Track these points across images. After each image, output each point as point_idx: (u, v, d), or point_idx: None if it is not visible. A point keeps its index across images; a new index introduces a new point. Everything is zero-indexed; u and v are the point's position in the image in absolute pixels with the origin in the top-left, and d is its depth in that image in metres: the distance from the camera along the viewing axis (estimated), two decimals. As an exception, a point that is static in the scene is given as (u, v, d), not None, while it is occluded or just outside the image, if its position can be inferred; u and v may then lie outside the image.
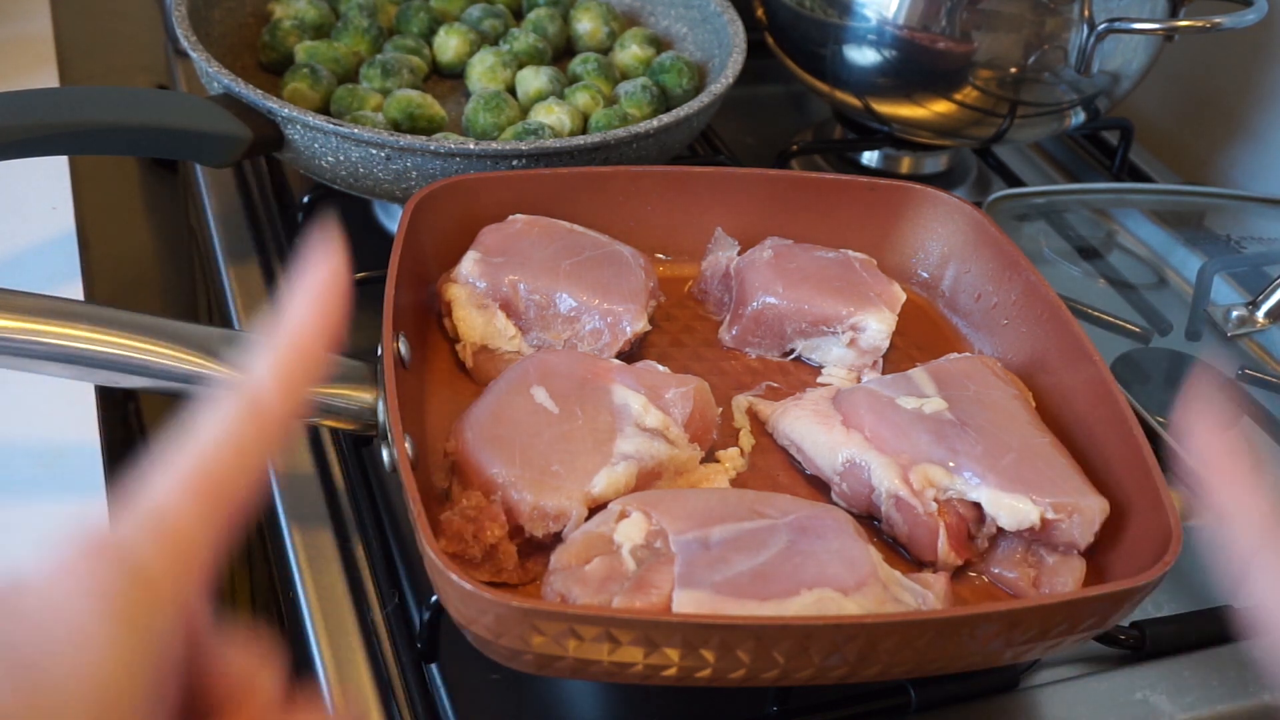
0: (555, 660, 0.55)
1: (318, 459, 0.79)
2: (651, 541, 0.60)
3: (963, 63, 0.99)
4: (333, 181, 0.90)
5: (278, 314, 0.37)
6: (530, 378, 0.70)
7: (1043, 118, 1.04)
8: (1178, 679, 0.71)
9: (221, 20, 1.03)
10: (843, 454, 0.71)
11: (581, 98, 1.00)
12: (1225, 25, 0.96)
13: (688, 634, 0.54)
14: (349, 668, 0.67)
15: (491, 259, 0.79)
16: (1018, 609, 0.58)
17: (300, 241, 0.94)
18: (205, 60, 0.90)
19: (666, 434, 0.68)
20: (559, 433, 0.67)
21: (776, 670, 0.56)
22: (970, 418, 0.71)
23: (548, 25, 1.09)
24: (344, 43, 1.03)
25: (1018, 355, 0.81)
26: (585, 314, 0.77)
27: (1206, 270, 0.98)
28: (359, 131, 0.84)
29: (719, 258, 0.85)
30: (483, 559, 0.62)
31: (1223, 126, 1.23)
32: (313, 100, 0.96)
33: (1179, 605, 0.76)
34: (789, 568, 0.60)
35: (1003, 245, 0.83)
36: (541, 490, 0.64)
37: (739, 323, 0.82)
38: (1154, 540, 0.64)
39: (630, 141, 0.89)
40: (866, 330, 0.80)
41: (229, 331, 0.70)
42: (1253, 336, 0.96)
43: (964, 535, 0.67)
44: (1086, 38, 0.96)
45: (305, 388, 0.36)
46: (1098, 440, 0.72)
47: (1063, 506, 0.66)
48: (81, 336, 0.66)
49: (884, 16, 1.00)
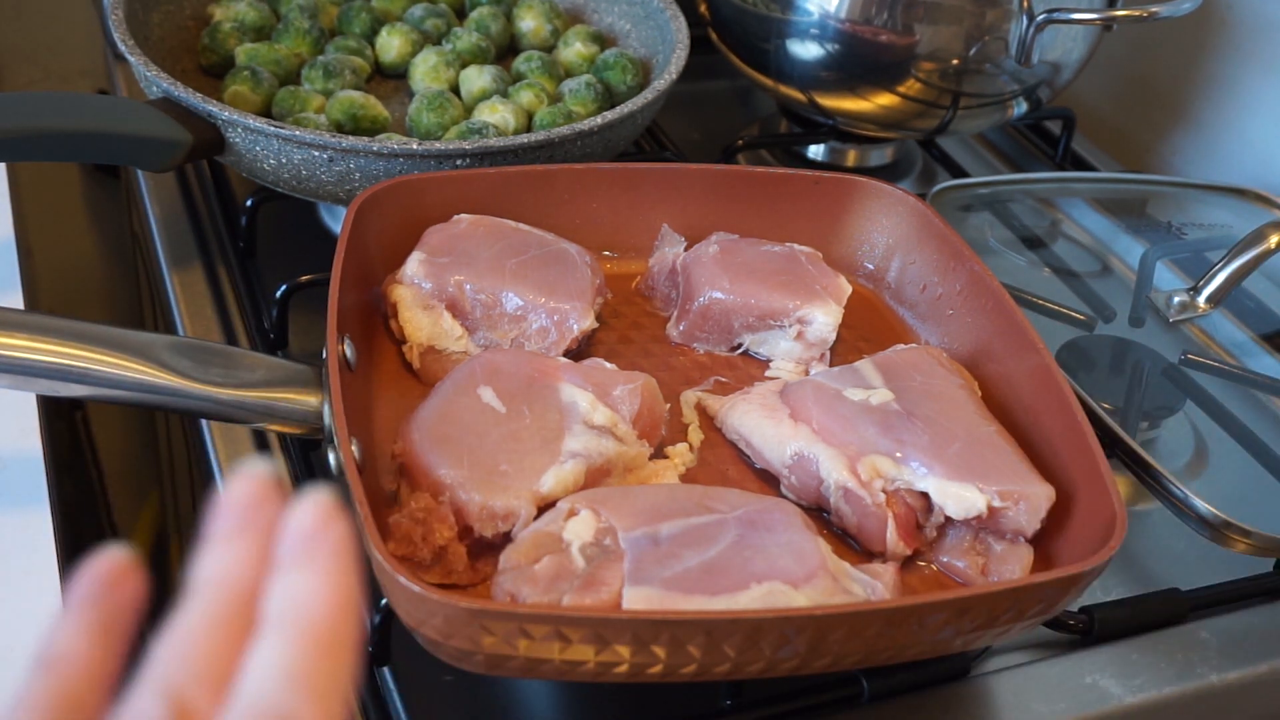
0: (506, 660, 0.55)
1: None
2: (601, 539, 0.60)
3: (905, 55, 1.00)
4: (275, 184, 0.89)
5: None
6: (477, 377, 0.70)
7: (985, 109, 1.05)
8: (1126, 662, 0.72)
9: (160, 23, 1.02)
10: (791, 447, 0.71)
11: (525, 96, 1.00)
12: (1162, 14, 0.96)
13: (638, 630, 0.54)
14: (300, 673, 0.66)
15: (436, 259, 0.78)
16: (965, 597, 0.58)
17: (242, 248, 0.93)
18: (143, 64, 0.89)
19: (615, 431, 0.68)
20: (507, 432, 0.67)
21: (728, 664, 0.56)
22: (917, 408, 0.71)
23: (490, 24, 1.08)
24: (285, 44, 1.02)
25: (963, 345, 0.81)
26: (532, 313, 0.77)
27: (1149, 257, 0.99)
28: (301, 134, 0.84)
29: (666, 254, 0.85)
30: (432, 561, 0.62)
31: (1163, 114, 1.25)
32: (254, 103, 0.96)
33: (1126, 589, 0.77)
34: (738, 562, 0.60)
35: (947, 236, 0.84)
36: (490, 490, 0.63)
37: (686, 318, 0.82)
38: (1099, 526, 0.64)
39: (575, 139, 0.89)
40: (813, 323, 0.80)
41: (173, 338, 0.69)
42: (1194, 321, 0.97)
43: (912, 525, 0.68)
44: (1026, 28, 0.97)
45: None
46: (1043, 428, 0.73)
47: (1009, 494, 0.66)
48: (21, 345, 0.66)
49: (826, 10, 1.00)
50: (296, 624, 0.31)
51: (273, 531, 0.33)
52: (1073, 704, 0.69)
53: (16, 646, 0.65)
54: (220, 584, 0.32)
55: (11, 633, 0.65)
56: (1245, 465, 0.85)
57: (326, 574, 0.32)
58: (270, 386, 0.68)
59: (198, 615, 0.32)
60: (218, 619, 0.31)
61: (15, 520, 0.71)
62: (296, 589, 0.32)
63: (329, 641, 0.31)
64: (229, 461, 0.79)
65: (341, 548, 0.32)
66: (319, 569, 0.32)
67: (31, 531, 0.71)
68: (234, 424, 0.71)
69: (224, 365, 0.68)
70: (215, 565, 0.32)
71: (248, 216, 0.93)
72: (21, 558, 0.70)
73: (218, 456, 0.79)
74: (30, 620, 0.66)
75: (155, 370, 0.67)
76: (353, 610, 0.32)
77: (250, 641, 0.31)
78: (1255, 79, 1.15)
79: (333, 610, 0.31)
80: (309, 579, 0.32)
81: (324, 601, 0.31)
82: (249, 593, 0.32)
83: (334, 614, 0.31)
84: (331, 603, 0.31)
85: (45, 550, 0.70)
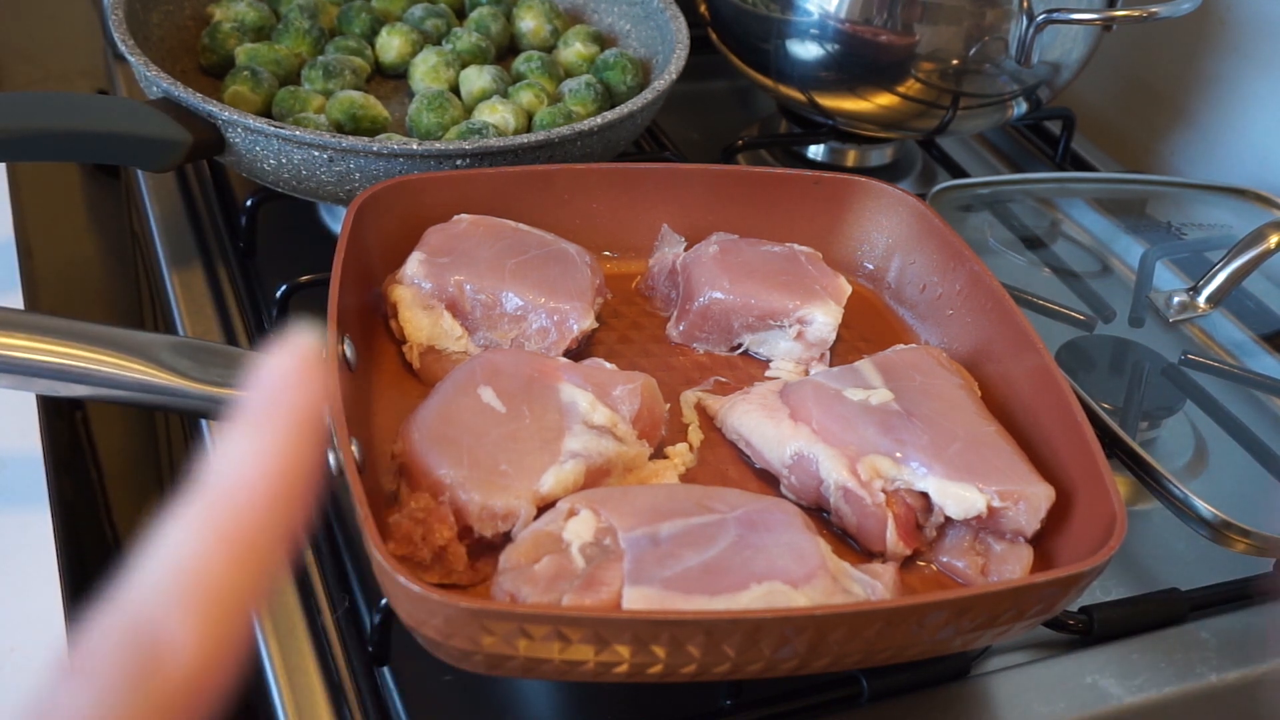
0: (506, 660, 0.55)
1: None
2: (600, 539, 0.60)
3: (905, 56, 1.00)
4: (275, 184, 0.89)
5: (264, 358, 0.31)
6: (477, 378, 0.70)
7: (985, 109, 1.05)
8: (1126, 662, 0.72)
9: (160, 23, 1.02)
10: (791, 447, 0.71)
11: (525, 96, 1.00)
12: (1162, 14, 0.96)
13: (638, 630, 0.54)
14: (299, 673, 0.66)
15: (436, 259, 0.78)
16: (965, 597, 0.58)
17: (244, 249, 0.93)
18: (143, 64, 0.89)
19: (614, 431, 0.68)
20: (507, 432, 0.67)
21: (728, 664, 0.56)
22: (916, 408, 0.71)
23: (490, 24, 1.08)
24: (285, 44, 1.02)
25: (963, 345, 0.81)
26: (532, 313, 0.77)
27: (1149, 257, 0.99)
28: (301, 134, 0.84)
29: (665, 254, 0.85)
30: (432, 561, 0.62)
31: (1163, 115, 1.25)
32: (254, 103, 0.96)
33: (1126, 589, 0.77)
34: (738, 562, 0.60)
35: (946, 236, 0.84)
36: (490, 490, 0.63)
37: (686, 318, 0.82)
38: (1099, 526, 0.64)
39: (575, 139, 0.89)
40: (813, 323, 0.80)
41: (173, 338, 0.69)
42: (1194, 321, 0.97)
43: (912, 525, 0.68)
44: (1026, 29, 0.97)
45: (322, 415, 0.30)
46: (1043, 428, 0.73)
47: (1009, 494, 0.66)
48: (21, 345, 0.66)
49: (826, 10, 1.00)
50: (221, 493, 0.29)
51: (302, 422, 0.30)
52: (1073, 704, 0.70)
53: (17, 647, 0.65)
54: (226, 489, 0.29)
55: (12, 633, 0.65)
56: (1245, 465, 0.85)
57: (272, 440, 0.29)
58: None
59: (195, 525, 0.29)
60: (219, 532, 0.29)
61: (15, 520, 0.71)
62: (233, 454, 0.29)
63: (254, 512, 0.29)
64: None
65: (301, 415, 0.30)
66: (265, 434, 0.30)
67: (31, 531, 0.71)
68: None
69: (224, 365, 0.68)
70: (226, 461, 0.30)
71: (248, 216, 0.93)
72: (21, 558, 0.70)
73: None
74: (30, 620, 0.66)
75: (155, 370, 0.67)
76: (290, 480, 0.29)
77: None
78: (1255, 79, 1.15)
79: (265, 481, 0.29)
80: (250, 445, 0.29)
81: (259, 471, 0.29)
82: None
83: (266, 485, 0.29)
84: (267, 472, 0.29)
85: (45, 550, 0.70)
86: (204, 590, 0.27)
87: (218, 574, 0.27)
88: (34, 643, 0.65)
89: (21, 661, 0.64)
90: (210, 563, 0.28)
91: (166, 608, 0.27)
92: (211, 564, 0.27)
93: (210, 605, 0.27)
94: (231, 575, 0.28)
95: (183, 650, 0.27)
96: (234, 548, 0.28)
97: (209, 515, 0.28)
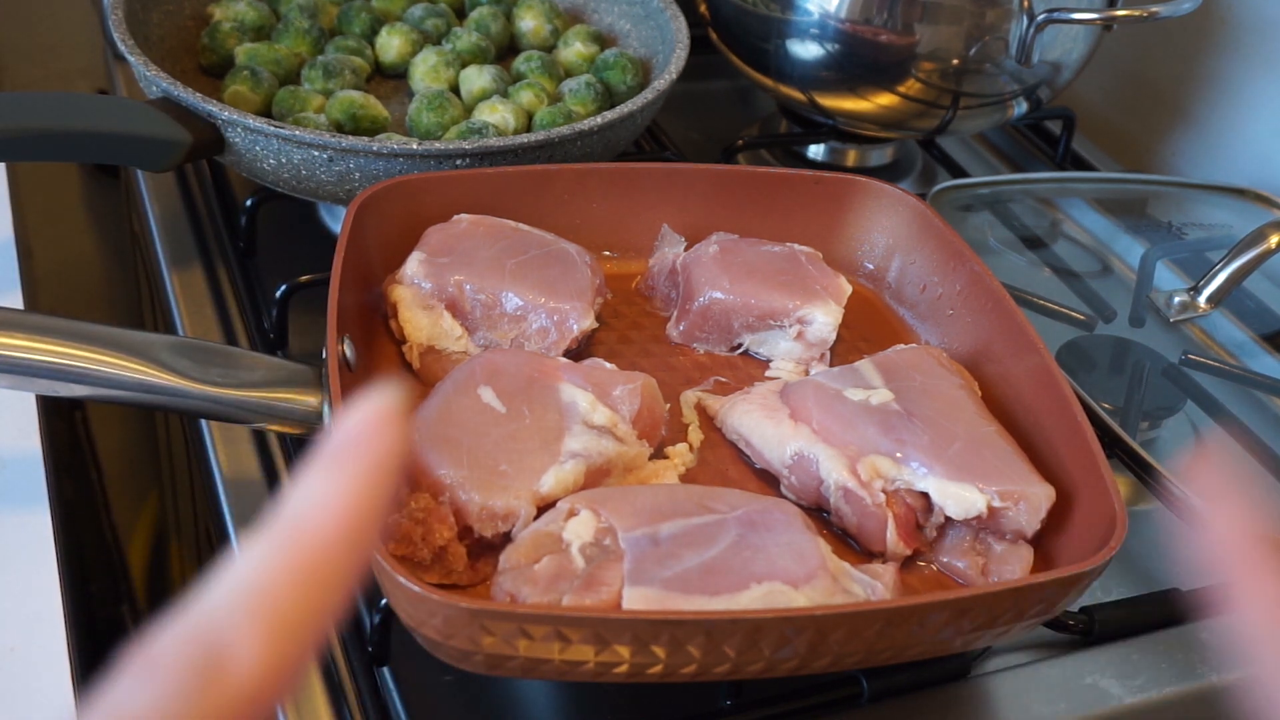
0: (506, 660, 0.55)
1: (265, 462, 0.79)
2: (600, 539, 0.60)
3: (905, 55, 1.00)
4: (275, 184, 0.89)
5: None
6: (477, 378, 0.70)
7: (985, 109, 1.05)
8: (1127, 662, 0.72)
9: (160, 23, 1.02)
10: (791, 447, 0.71)
11: (525, 96, 1.00)
12: (1162, 14, 0.96)
13: (638, 630, 0.54)
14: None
15: (436, 259, 0.78)
16: (965, 597, 0.58)
17: (245, 251, 0.93)
18: (143, 64, 0.89)
19: (614, 431, 0.68)
20: (507, 432, 0.67)
21: (728, 664, 0.56)
22: (917, 408, 0.71)
23: (490, 24, 1.08)
24: (285, 44, 1.02)
25: (963, 345, 0.81)
26: (532, 313, 0.77)
27: (1149, 257, 0.99)
28: (301, 133, 0.84)
29: (666, 254, 0.85)
30: (432, 561, 0.62)
31: (1164, 115, 1.25)
32: (254, 103, 0.96)
33: (1126, 589, 0.77)
34: (738, 562, 0.60)
35: (946, 236, 0.84)
36: (490, 490, 0.63)
37: (686, 318, 0.82)
38: (1100, 526, 0.64)
39: (575, 139, 0.89)
40: (813, 323, 0.80)
41: (173, 338, 0.69)
42: (1195, 321, 0.97)
43: (912, 525, 0.68)
44: (1026, 28, 0.97)
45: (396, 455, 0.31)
46: (1043, 428, 0.73)
47: (1009, 494, 0.66)
48: (21, 345, 0.66)
49: (826, 10, 1.00)
50: (296, 525, 0.30)
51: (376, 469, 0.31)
52: (1073, 704, 0.69)
53: (17, 647, 0.65)
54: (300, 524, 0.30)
55: (12, 633, 0.65)
56: (1245, 465, 0.85)
57: (349, 481, 0.31)
58: (270, 386, 0.68)
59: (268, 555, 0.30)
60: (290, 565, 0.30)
61: (15, 520, 0.71)
62: (311, 490, 0.31)
63: (326, 546, 0.30)
64: (229, 462, 0.79)
65: (379, 461, 0.31)
66: (343, 475, 0.31)
67: (31, 531, 0.71)
68: (234, 424, 0.71)
69: (224, 365, 0.68)
70: (303, 497, 0.31)
71: (248, 216, 0.93)
72: (21, 558, 0.70)
73: (218, 456, 0.79)
74: (30, 620, 0.66)
75: (155, 370, 0.67)
76: (361, 521, 0.30)
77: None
78: (1255, 79, 1.15)
79: (339, 518, 0.30)
80: (328, 484, 0.31)
81: (334, 508, 0.30)
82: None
83: (340, 522, 0.30)
84: (341, 510, 0.30)
85: (45, 550, 0.70)
86: (272, 609, 0.29)
87: (287, 597, 0.29)
88: (34, 643, 0.65)
89: (21, 661, 0.64)
90: (281, 587, 0.29)
91: (235, 620, 0.28)
92: (282, 588, 0.29)
93: (277, 623, 0.28)
94: (299, 600, 0.29)
95: (247, 661, 0.28)
96: (304, 576, 0.29)
97: (283, 544, 0.29)
